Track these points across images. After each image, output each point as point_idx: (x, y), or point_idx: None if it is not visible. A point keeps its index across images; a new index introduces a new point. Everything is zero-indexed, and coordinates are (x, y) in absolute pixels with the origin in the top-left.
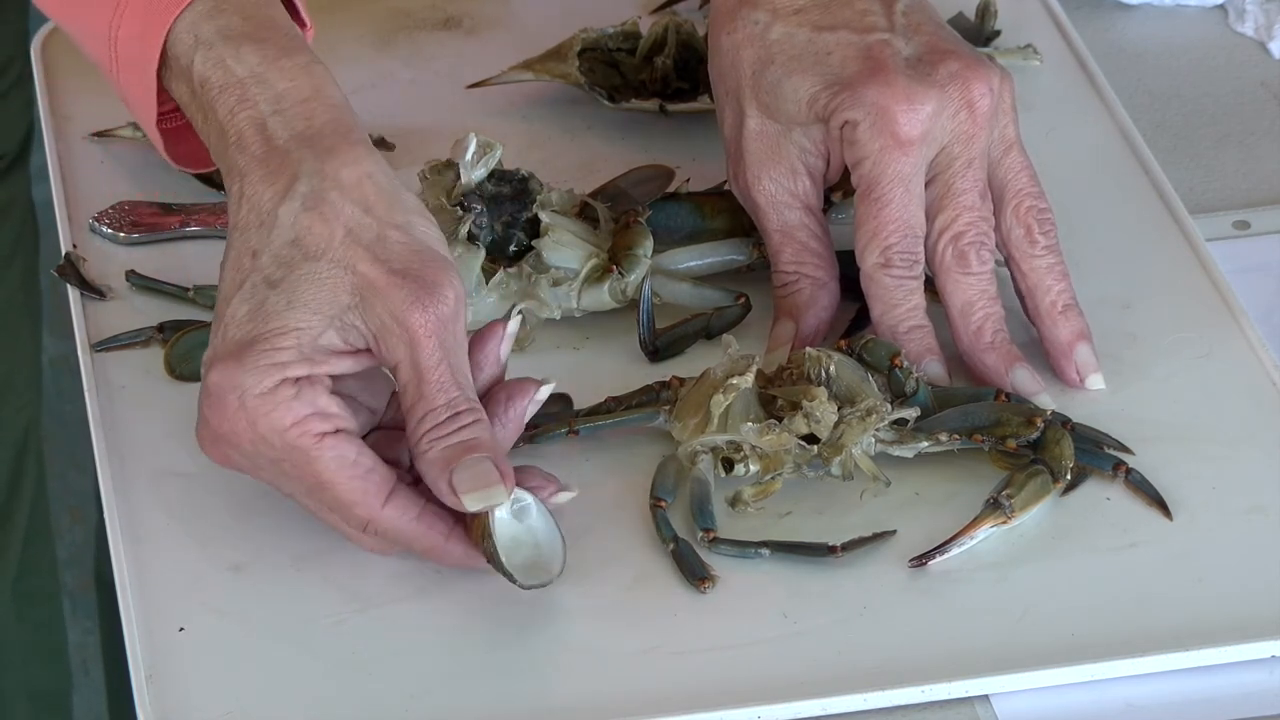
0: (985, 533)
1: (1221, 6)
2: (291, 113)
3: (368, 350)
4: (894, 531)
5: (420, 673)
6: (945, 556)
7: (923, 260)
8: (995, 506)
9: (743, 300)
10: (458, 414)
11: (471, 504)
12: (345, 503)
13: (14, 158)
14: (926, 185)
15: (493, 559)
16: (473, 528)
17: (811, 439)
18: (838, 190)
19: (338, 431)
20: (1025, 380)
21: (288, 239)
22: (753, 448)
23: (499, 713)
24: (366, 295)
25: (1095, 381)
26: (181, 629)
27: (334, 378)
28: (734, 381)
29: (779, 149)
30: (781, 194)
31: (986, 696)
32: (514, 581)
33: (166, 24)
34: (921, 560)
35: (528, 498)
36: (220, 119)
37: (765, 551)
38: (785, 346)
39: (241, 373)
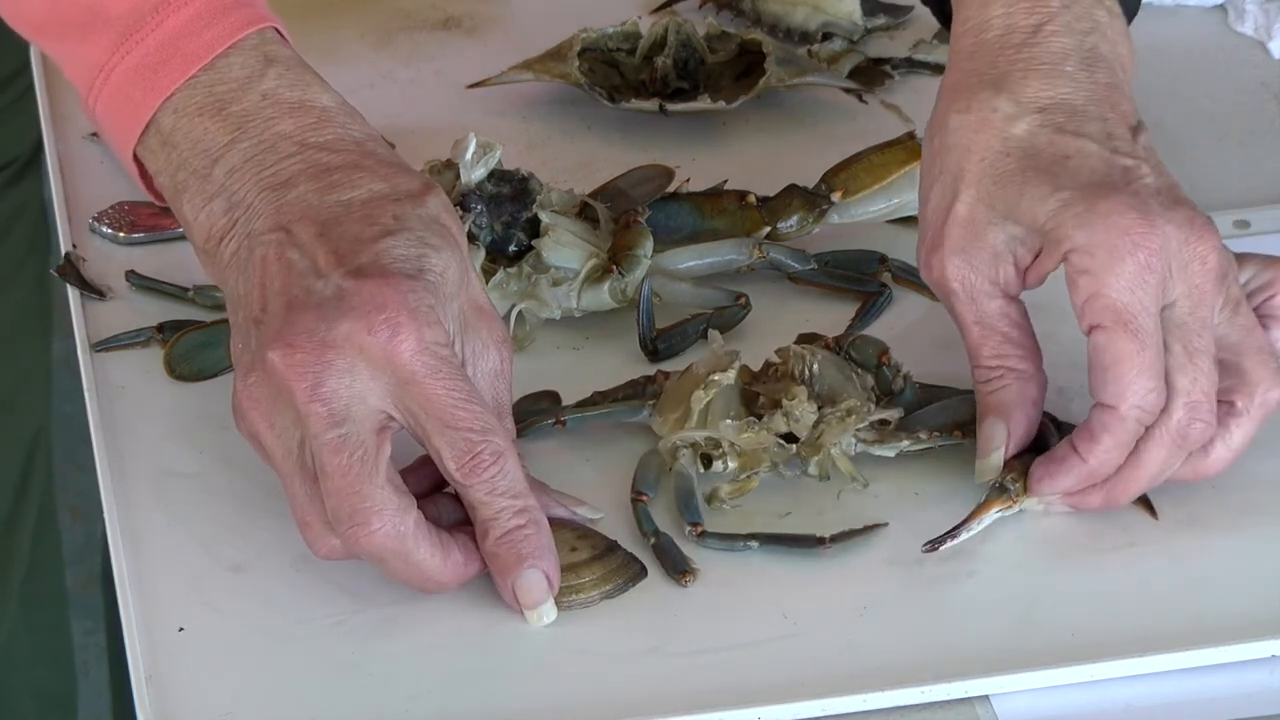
0: (993, 516)
1: (1221, 6)
2: (387, 150)
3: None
4: (885, 524)
5: (420, 673)
6: (956, 541)
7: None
8: (1001, 490)
9: (743, 300)
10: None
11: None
12: (463, 415)
13: (26, 161)
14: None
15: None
16: None
17: (791, 438)
18: (839, 190)
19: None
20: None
21: (436, 216)
22: (731, 445)
23: (499, 713)
24: (471, 311)
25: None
26: (181, 629)
27: None
28: (716, 378)
29: (985, 236)
30: (981, 282)
31: (986, 696)
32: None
33: (220, 46)
34: (934, 545)
35: None
36: (284, 130)
37: (754, 544)
38: (999, 452)
39: (415, 284)
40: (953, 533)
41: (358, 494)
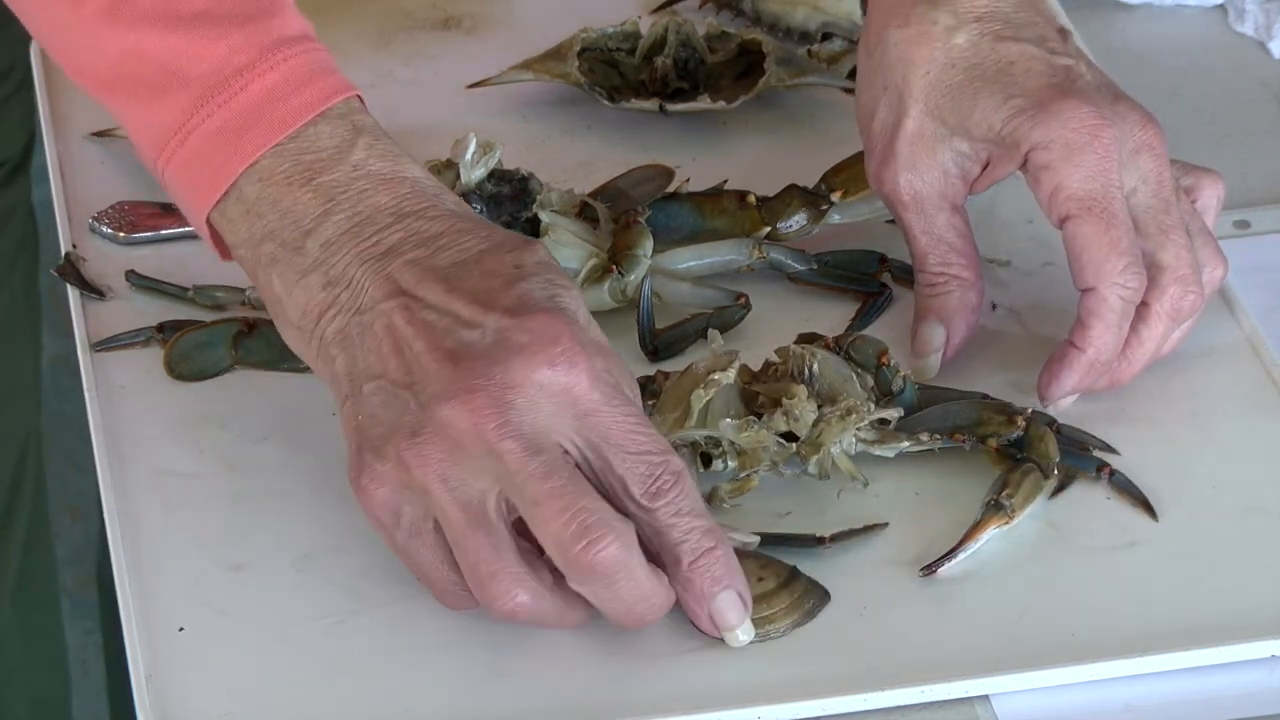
0: (989, 535)
1: (1221, 6)
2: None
3: None
4: (885, 524)
5: (420, 673)
6: (953, 562)
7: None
8: (997, 508)
9: (743, 300)
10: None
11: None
12: (642, 442)
13: (16, 164)
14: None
15: None
16: None
17: (790, 436)
18: (839, 190)
19: None
20: None
21: (548, 262)
22: (731, 444)
23: (499, 713)
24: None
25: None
26: (181, 629)
27: None
28: (715, 377)
29: (935, 151)
30: (931, 195)
31: (986, 696)
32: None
33: (308, 114)
34: (931, 569)
35: None
36: (379, 203)
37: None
38: (936, 354)
39: (568, 317)
40: (950, 554)
41: (584, 509)
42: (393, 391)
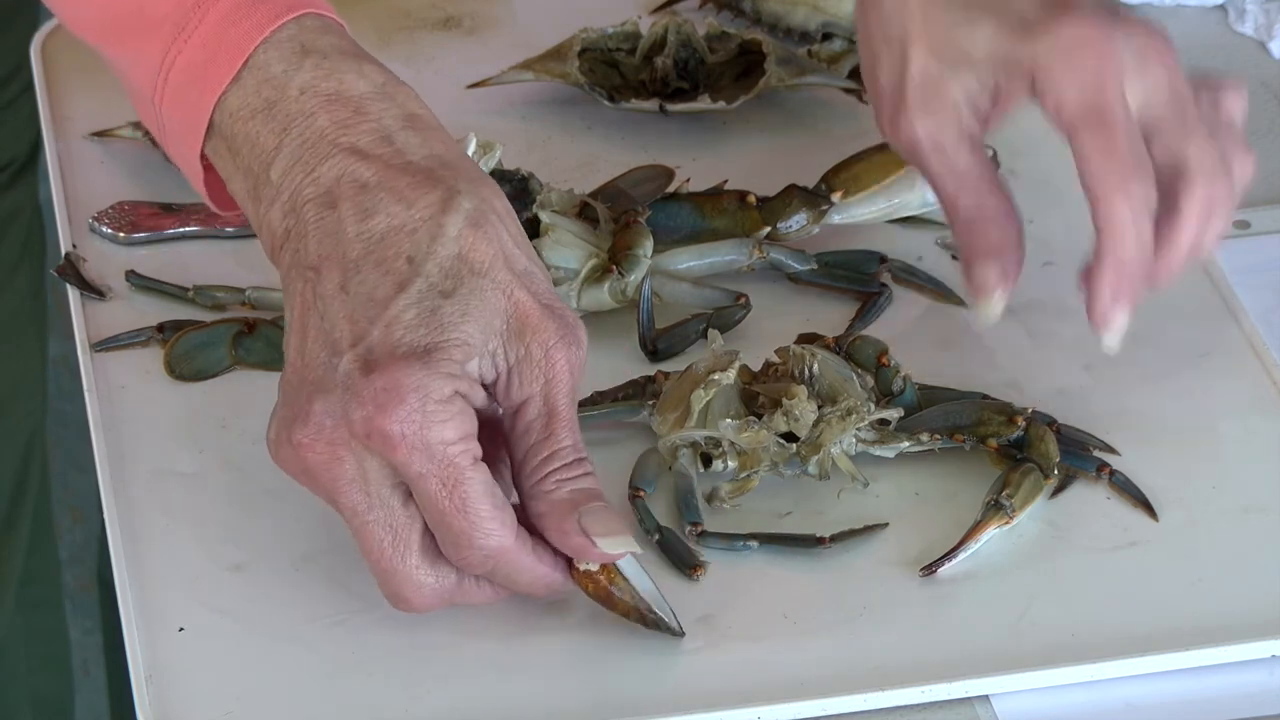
0: (989, 535)
1: (1221, 6)
2: (425, 134)
3: (483, 389)
4: (885, 524)
5: (420, 673)
6: (953, 562)
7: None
8: (997, 508)
9: (743, 300)
10: (581, 459)
11: (606, 547)
12: (481, 530)
13: (23, 163)
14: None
15: (643, 616)
16: (605, 586)
17: (791, 437)
18: (839, 190)
19: (478, 460)
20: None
21: (453, 252)
22: (731, 444)
23: (499, 713)
24: (516, 324)
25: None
26: (181, 629)
27: None
28: (715, 377)
29: (944, 91)
30: (949, 136)
31: (986, 696)
32: (670, 630)
33: (256, 39)
34: (931, 569)
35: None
36: (321, 127)
37: (754, 544)
38: (998, 293)
39: (427, 374)
40: (950, 555)
41: (398, 571)
42: (296, 354)
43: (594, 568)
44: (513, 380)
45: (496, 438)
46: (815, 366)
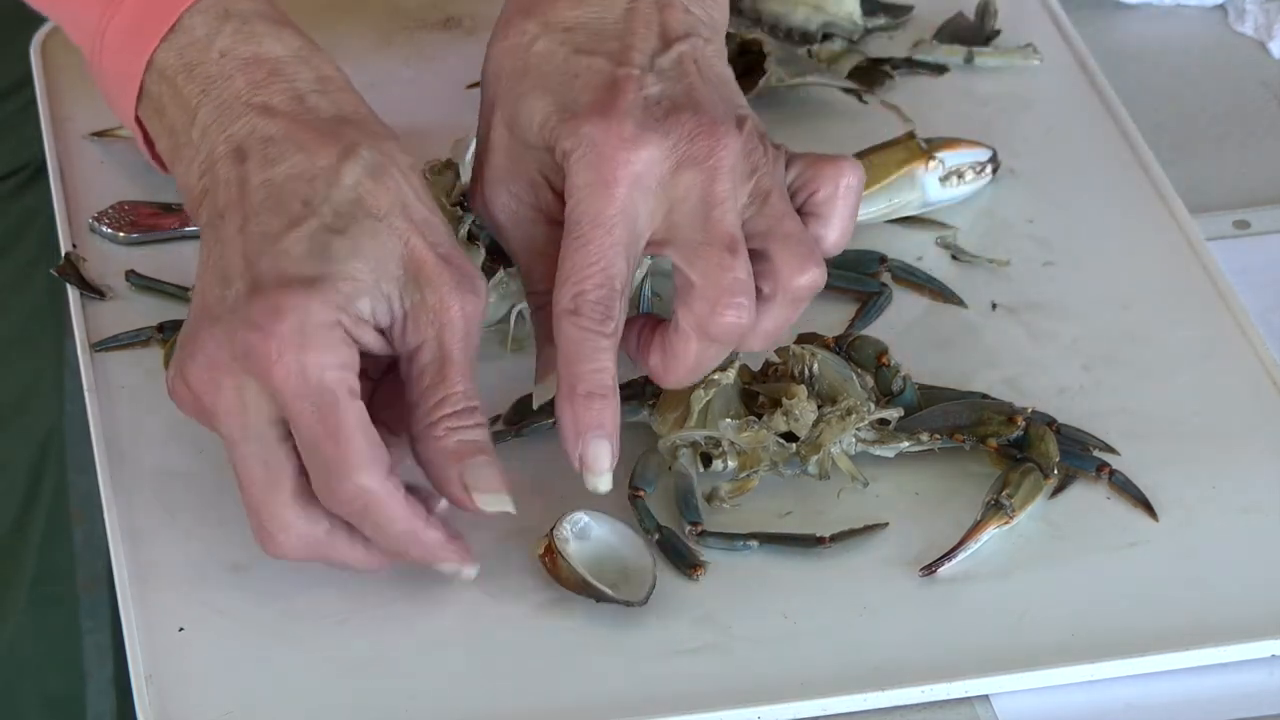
0: (990, 535)
1: (1221, 6)
2: (336, 96)
3: (376, 331)
4: (885, 524)
5: (420, 673)
6: (953, 562)
7: (618, 319)
8: (997, 508)
9: None
10: (473, 409)
11: (483, 504)
12: (351, 464)
13: (38, 167)
14: (664, 245)
15: (582, 585)
16: (551, 562)
17: (791, 437)
18: None
19: (355, 394)
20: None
21: (349, 197)
22: (731, 444)
23: (499, 713)
24: (411, 270)
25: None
26: (181, 629)
27: None
28: (715, 377)
29: (520, 162)
30: (524, 209)
31: (986, 696)
32: (624, 602)
33: (185, 3)
34: (931, 569)
35: (585, 517)
36: (237, 89)
37: (754, 544)
38: (555, 374)
39: (309, 299)
40: (950, 554)
41: (271, 506)
42: (196, 295)
43: (539, 550)
44: (408, 325)
45: (395, 402)
46: (815, 366)
